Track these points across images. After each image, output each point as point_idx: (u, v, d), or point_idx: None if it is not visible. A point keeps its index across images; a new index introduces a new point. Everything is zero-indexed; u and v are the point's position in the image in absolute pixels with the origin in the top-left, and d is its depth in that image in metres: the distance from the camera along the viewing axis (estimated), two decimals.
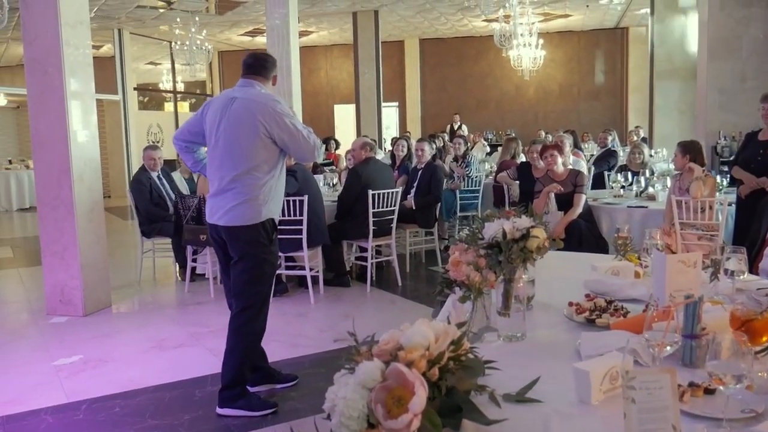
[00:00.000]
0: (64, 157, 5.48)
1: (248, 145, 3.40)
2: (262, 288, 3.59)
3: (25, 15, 5.44)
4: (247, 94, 3.48)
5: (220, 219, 3.49)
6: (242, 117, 3.40)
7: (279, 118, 3.41)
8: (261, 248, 3.51)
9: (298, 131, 3.45)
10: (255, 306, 3.56)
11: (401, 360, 1.31)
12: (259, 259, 3.52)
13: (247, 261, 3.51)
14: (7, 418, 3.62)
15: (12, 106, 16.23)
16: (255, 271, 3.53)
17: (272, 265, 3.66)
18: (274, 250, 3.64)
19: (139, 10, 13.92)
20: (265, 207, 3.48)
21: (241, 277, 3.54)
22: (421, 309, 5.64)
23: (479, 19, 15.93)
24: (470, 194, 8.18)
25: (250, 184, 3.42)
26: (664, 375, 1.29)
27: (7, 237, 10.89)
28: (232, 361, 3.55)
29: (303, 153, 3.57)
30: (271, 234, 3.56)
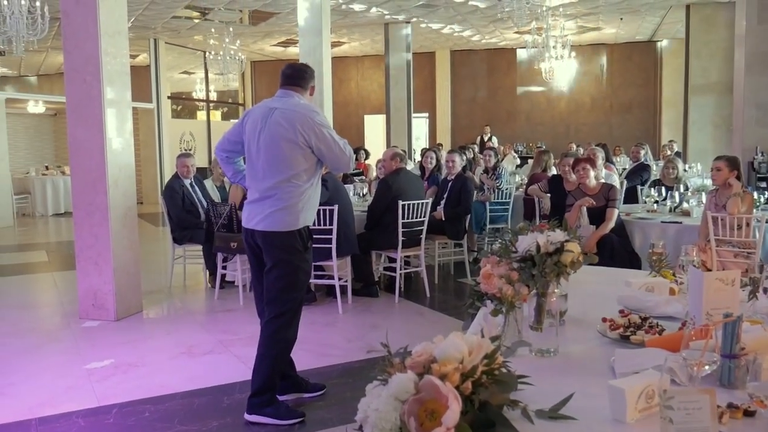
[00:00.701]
0: (100, 164, 5.58)
1: (289, 154, 3.46)
2: (295, 295, 3.60)
3: (66, 25, 5.56)
4: (287, 105, 3.55)
5: (257, 224, 3.53)
6: (283, 127, 3.46)
7: (318, 128, 3.47)
8: (296, 255, 3.54)
9: (335, 142, 3.52)
10: (288, 313, 3.58)
11: (435, 373, 1.31)
12: (293, 266, 3.54)
13: (282, 268, 3.54)
14: (39, 420, 3.67)
15: (50, 114, 16.57)
16: (289, 278, 3.55)
17: (306, 273, 3.67)
18: (309, 258, 3.67)
19: (174, 21, 14.16)
20: (302, 214, 3.53)
21: (275, 284, 3.57)
22: (449, 321, 5.62)
23: (511, 31, 15.89)
24: (500, 207, 8.14)
25: (289, 191, 3.48)
26: (703, 395, 1.27)
27: (43, 241, 11.10)
28: (263, 368, 3.57)
29: (339, 163, 3.64)
30: (306, 241, 3.59)
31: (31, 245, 10.44)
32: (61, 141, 16.86)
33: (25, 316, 6.06)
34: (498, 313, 2.05)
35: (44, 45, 14.39)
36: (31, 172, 14.65)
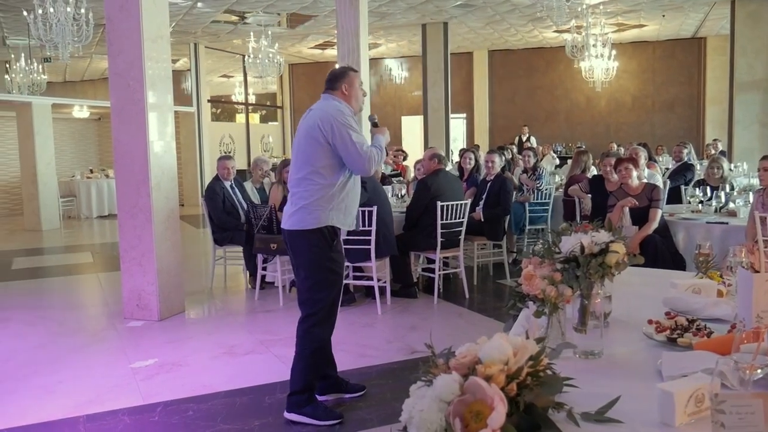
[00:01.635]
0: (143, 167, 5.68)
1: (308, 150, 3.53)
2: (324, 295, 3.59)
3: (111, 31, 5.68)
4: (320, 106, 3.65)
5: (285, 223, 3.62)
6: (308, 124, 3.58)
7: (336, 125, 3.49)
8: (319, 254, 3.54)
9: (353, 143, 3.48)
10: (319, 313, 3.59)
11: (479, 374, 1.30)
12: (318, 265, 3.56)
13: (307, 267, 3.59)
14: (87, 417, 3.76)
15: (94, 118, 16.94)
16: (316, 277, 3.57)
17: (334, 272, 3.62)
18: (336, 257, 3.62)
19: (214, 25, 14.36)
20: (324, 213, 3.52)
21: (303, 283, 3.63)
22: (488, 322, 5.58)
23: (550, 30, 15.74)
24: (540, 207, 8.06)
25: (308, 188, 3.52)
26: (756, 400, 1.24)
27: (88, 243, 11.36)
28: (299, 366, 3.62)
29: (354, 165, 3.57)
30: (330, 241, 3.57)
31: (76, 247, 10.69)
32: (105, 145, 17.25)
33: (72, 316, 6.21)
34: (541, 315, 2.03)
35: (88, 51, 14.75)
36: (77, 176, 15.00)
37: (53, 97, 14.58)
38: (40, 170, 12.37)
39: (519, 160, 9.82)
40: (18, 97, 13.46)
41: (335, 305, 3.69)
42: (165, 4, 5.87)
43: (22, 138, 12.43)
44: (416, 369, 4.46)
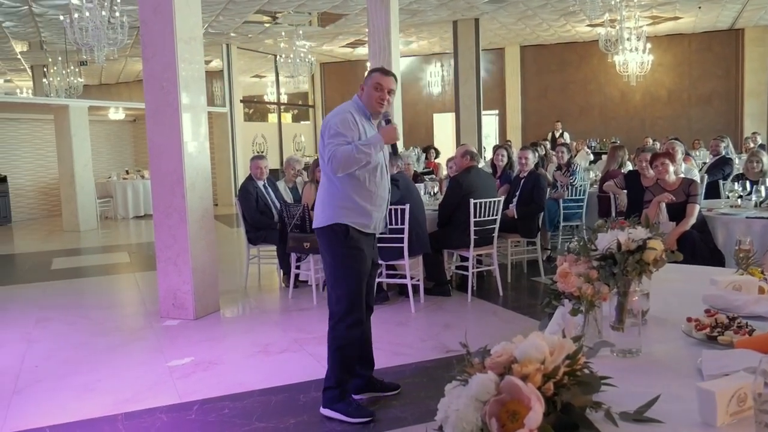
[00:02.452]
0: (178, 167, 5.75)
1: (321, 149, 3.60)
2: (345, 292, 3.61)
3: (145, 33, 5.76)
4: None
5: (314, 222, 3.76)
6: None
7: (325, 126, 3.56)
8: (335, 251, 3.61)
9: (327, 143, 3.48)
10: (341, 311, 3.63)
11: (515, 373, 1.28)
12: (336, 262, 3.62)
13: (327, 265, 3.69)
14: (125, 415, 3.82)
15: (129, 120, 17.22)
16: (335, 274, 3.64)
17: (352, 269, 3.61)
18: (355, 254, 3.60)
19: (246, 26, 14.48)
20: (335, 211, 3.57)
21: (327, 280, 3.74)
22: (523, 320, 5.54)
23: (583, 24, 15.55)
24: (574, 204, 7.96)
25: (324, 187, 3.65)
26: None
27: (124, 243, 11.55)
28: (329, 363, 3.68)
29: (321, 162, 3.60)
30: (343, 238, 3.58)
31: (114, 247, 10.88)
32: (140, 146, 17.52)
33: (111, 315, 6.32)
34: (577, 313, 2.01)
35: (123, 54, 14.99)
36: (113, 177, 15.25)
37: (90, 100, 14.85)
38: (77, 172, 12.61)
39: (552, 156, 9.72)
40: (55, 100, 13.74)
41: (358, 304, 3.65)
42: (198, 5, 5.92)
43: (59, 140, 12.68)
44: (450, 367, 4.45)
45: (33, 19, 12.68)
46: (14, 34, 14.22)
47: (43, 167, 15.18)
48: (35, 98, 15.87)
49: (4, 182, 13.86)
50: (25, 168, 14.83)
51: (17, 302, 6.85)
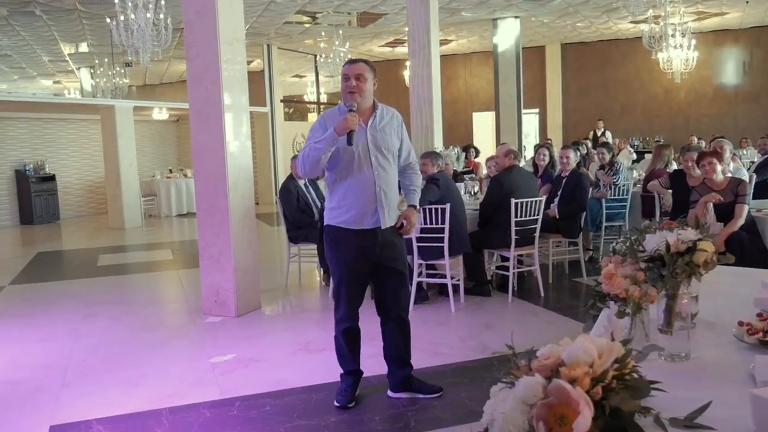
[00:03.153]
0: (221, 167, 5.83)
1: None
2: (334, 289, 3.84)
3: (188, 34, 5.85)
4: None
5: None
6: None
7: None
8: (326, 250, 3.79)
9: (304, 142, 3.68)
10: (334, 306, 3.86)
11: (563, 376, 1.27)
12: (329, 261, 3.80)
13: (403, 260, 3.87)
14: (169, 410, 3.88)
15: (173, 120, 17.51)
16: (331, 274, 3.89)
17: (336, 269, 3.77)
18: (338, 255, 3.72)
19: (286, 26, 14.61)
20: (326, 213, 3.73)
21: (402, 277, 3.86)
22: (565, 321, 5.47)
23: (626, 21, 15.29)
24: (617, 204, 7.83)
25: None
26: None
27: (168, 240, 11.76)
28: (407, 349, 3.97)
29: None
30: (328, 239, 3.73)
31: (157, 244, 11.08)
32: (183, 145, 17.82)
33: (155, 311, 6.44)
34: (624, 315, 1.97)
35: (167, 55, 15.23)
36: (157, 176, 15.55)
37: (135, 100, 15.17)
38: (123, 171, 12.88)
39: (594, 155, 9.58)
40: (102, 100, 14.06)
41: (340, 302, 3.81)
42: (240, 7, 5.99)
43: (106, 140, 12.97)
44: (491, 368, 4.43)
45: (81, 22, 13.00)
46: (63, 37, 14.59)
47: (89, 166, 15.55)
48: (83, 99, 16.29)
49: (52, 181, 14.23)
50: (72, 167, 15.21)
51: (66, 297, 7.02)
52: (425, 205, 5.60)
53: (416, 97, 9.79)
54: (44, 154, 14.51)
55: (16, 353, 5.17)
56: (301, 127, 19.22)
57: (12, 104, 13.56)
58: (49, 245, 11.27)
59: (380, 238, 3.67)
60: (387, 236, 3.70)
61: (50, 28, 13.48)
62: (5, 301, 6.96)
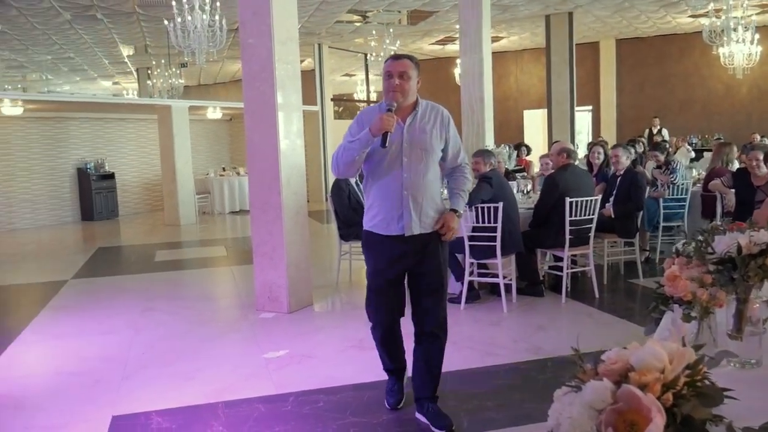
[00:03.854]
0: (274, 165, 5.89)
1: None
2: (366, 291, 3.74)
3: (244, 35, 5.92)
4: None
5: None
6: None
7: None
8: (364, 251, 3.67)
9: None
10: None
11: (633, 382, 1.23)
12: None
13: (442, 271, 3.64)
14: (225, 404, 3.94)
15: (226, 119, 17.81)
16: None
17: (368, 275, 3.68)
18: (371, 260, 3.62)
19: (337, 26, 14.69)
20: (364, 215, 3.58)
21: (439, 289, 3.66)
22: (620, 323, 5.36)
23: (684, 15, 14.88)
24: (675, 203, 7.62)
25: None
26: None
27: (221, 237, 11.97)
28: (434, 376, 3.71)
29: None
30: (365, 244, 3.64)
31: (211, 241, 11.30)
32: (236, 144, 18.11)
33: (209, 306, 6.56)
34: (690, 319, 1.91)
35: (221, 55, 15.51)
36: (210, 174, 15.84)
37: (190, 100, 15.47)
38: (178, 169, 13.17)
39: (650, 154, 9.34)
40: (159, 100, 14.40)
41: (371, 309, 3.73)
42: (294, 7, 6.05)
43: (162, 139, 13.27)
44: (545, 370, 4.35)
45: (139, 24, 13.33)
46: (122, 39, 14.99)
47: (146, 164, 15.95)
48: (141, 99, 16.71)
49: (111, 179, 14.65)
50: (130, 165, 15.63)
51: (125, 292, 7.21)
52: (477, 204, 5.56)
53: (468, 95, 9.71)
54: (104, 152, 14.95)
55: (79, 345, 5.33)
56: None
57: (74, 105, 14.01)
58: (109, 241, 11.60)
59: (411, 247, 3.43)
60: (419, 245, 3.43)
61: (110, 30, 13.87)
62: (68, 295, 7.19)
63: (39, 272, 8.65)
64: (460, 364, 4.41)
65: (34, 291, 7.66)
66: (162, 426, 3.66)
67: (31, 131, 13.57)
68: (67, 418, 3.82)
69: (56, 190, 14.08)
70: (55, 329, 5.82)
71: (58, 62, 18.10)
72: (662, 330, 2.18)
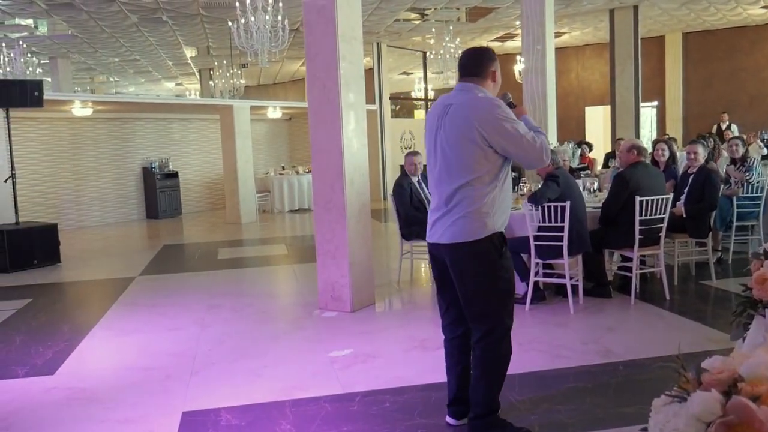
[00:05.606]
0: (338, 164, 5.91)
1: (467, 156, 3.12)
2: (498, 308, 3.26)
3: (308, 34, 5.95)
4: (463, 100, 3.19)
5: (441, 237, 3.25)
6: (459, 126, 3.13)
7: (498, 124, 3.07)
8: (490, 265, 3.20)
9: (521, 136, 3.09)
10: (497, 330, 3.26)
11: (744, 393, 1.16)
12: (490, 276, 3.21)
13: (476, 280, 3.23)
14: (292, 402, 3.96)
15: (285, 118, 18.01)
16: (488, 290, 3.23)
17: (507, 281, 3.28)
18: (507, 265, 3.27)
19: (396, 24, 14.67)
20: (490, 219, 3.17)
21: (474, 299, 3.26)
22: (693, 326, 5.17)
23: (757, 5, 14.31)
24: (750, 202, 7.32)
25: (470, 196, 3.14)
26: None
27: (281, 235, 12.10)
28: (480, 388, 3.32)
29: (528, 159, 3.19)
30: (500, 248, 3.22)
31: (272, 239, 11.43)
32: (295, 143, 18.30)
33: (272, 304, 6.63)
34: None
35: (281, 55, 15.70)
36: (270, 173, 16.04)
37: (251, 100, 15.71)
38: (240, 168, 13.38)
39: (723, 150, 9.01)
40: (221, 101, 14.67)
41: (509, 319, 3.32)
42: (358, 5, 6.04)
43: (224, 138, 13.51)
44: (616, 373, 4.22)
45: (203, 26, 13.60)
46: (186, 41, 15.34)
47: (208, 163, 16.27)
48: (204, 99, 17.07)
49: (175, 177, 14.99)
50: (193, 164, 15.96)
51: (191, 289, 7.36)
52: (544, 203, 5.46)
53: (530, 91, 9.58)
54: (168, 152, 15.31)
55: (149, 341, 5.46)
56: (409, 124, 19.30)
57: (140, 105, 14.39)
58: (173, 238, 11.87)
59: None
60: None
61: (175, 32, 14.20)
62: (136, 291, 7.38)
63: (108, 269, 8.91)
64: (528, 366, 4.33)
65: (103, 287, 7.89)
66: (231, 423, 3.71)
67: (100, 132, 14.01)
68: (140, 413, 3.91)
69: (123, 188, 14.50)
70: (125, 325, 5.98)
71: (124, 64, 18.66)
72: (756, 335, 2.08)
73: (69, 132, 13.42)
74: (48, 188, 13.10)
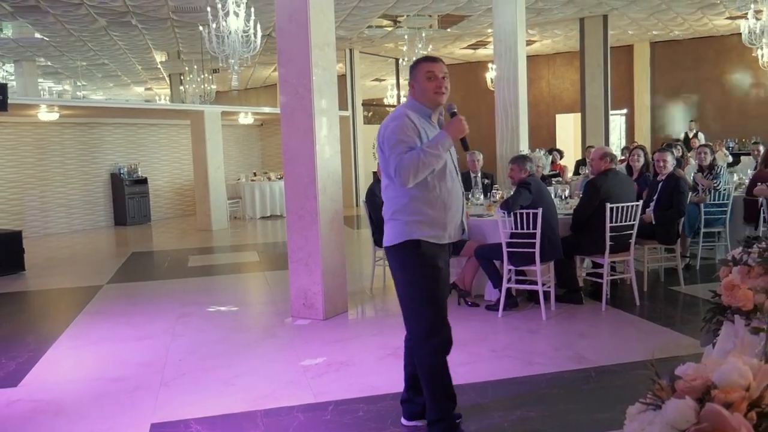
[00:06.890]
0: (311, 170, 5.87)
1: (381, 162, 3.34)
2: (411, 315, 3.37)
3: (281, 40, 5.92)
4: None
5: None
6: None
7: (382, 137, 3.24)
8: (406, 270, 3.29)
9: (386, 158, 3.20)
10: (418, 337, 3.36)
11: (717, 400, 1.16)
12: (407, 282, 3.32)
13: (399, 285, 3.38)
14: (264, 412, 3.91)
15: (257, 124, 17.90)
16: (403, 295, 3.37)
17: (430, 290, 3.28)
18: (433, 274, 3.27)
19: (369, 30, 14.69)
20: (408, 227, 3.22)
21: (400, 302, 3.43)
22: (663, 332, 5.23)
23: (722, 17, 14.60)
24: (717, 209, 7.44)
25: (389, 201, 3.32)
26: None
27: (253, 242, 12.00)
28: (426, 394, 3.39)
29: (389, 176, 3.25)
30: (417, 256, 3.24)
31: (243, 246, 11.33)
32: (267, 149, 18.20)
33: (244, 312, 6.56)
34: (758, 331, 1.83)
35: (253, 61, 15.60)
36: (242, 179, 15.92)
37: (222, 105, 15.58)
38: (210, 174, 13.24)
39: (689, 158, 9.16)
40: (192, 106, 14.52)
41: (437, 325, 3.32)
42: (331, 12, 6.02)
43: (195, 144, 13.37)
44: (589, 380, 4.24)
45: (173, 30, 13.47)
46: (156, 45, 15.17)
47: (178, 169, 16.09)
48: (174, 105, 16.87)
49: (144, 183, 14.80)
50: (162, 170, 15.78)
51: (160, 297, 7.25)
52: (516, 210, 5.48)
53: (502, 99, 9.63)
54: (137, 157, 15.11)
55: (117, 350, 5.36)
56: None
57: (108, 110, 14.20)
58: (142, 246, 11.71)
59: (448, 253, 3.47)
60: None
61: (144, 36, 14.04)
62: (104, 300, 7.25)
63: (74, 277, 8.75)
64: (501, 372, 4.34)
65: (70, 296, 7.74)
66: None
67: (66, 136, 13.78)
68: (108, 425, 3.82)
69: (90, 194, 14.28)
70: (92, 334, 5.86)
71: (92, 68, 18.38)
72: (726, 341, 2.10)
73: (34, 137, 13.18)
74: (12, 194, 12.84)
